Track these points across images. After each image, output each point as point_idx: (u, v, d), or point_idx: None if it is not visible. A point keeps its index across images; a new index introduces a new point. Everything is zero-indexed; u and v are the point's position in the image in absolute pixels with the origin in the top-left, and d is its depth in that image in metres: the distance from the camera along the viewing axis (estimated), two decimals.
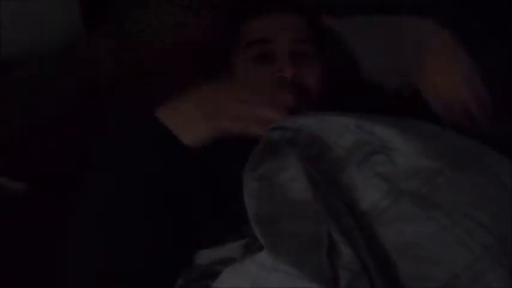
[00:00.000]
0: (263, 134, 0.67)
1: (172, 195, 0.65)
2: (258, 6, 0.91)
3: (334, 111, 0.71)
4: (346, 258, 0.56)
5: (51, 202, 0.79)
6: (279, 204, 0.62)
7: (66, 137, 0.87)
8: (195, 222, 0.68)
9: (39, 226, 0.77)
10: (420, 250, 0.58)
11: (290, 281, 0.54)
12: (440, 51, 0.78)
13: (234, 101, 0.66)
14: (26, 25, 1.04)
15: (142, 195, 0.64)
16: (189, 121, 0.65)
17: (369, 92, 1.03)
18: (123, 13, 1.04)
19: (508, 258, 0.56)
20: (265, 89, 0.83)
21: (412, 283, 0.57)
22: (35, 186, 0.81)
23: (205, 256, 0.65)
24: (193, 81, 0.69)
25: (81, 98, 0.92)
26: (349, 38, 1.10)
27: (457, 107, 0.76)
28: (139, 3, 1.04)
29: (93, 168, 0.67)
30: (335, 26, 1.10)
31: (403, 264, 0.58)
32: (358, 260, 0.56)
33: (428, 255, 0.57)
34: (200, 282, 0.64)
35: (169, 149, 0.65)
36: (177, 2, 1.03)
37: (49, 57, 0.98)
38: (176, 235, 0.66)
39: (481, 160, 0.66)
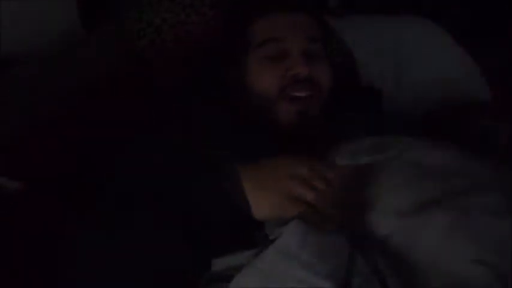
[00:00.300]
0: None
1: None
2: (267, 5, 0.91)
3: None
4: (361, 266, 0.57)
5: (51, 202, 0.79)
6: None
7: (66, 137, 0.87)
8: (209, 231, 0.68)
9: (39, 226, 0.77)
10: (437, 255, 0.59)
11: (307, 274, 0.56)
12: None
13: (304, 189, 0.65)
14: (25, 25, 1.04)
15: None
16: (263, 206, 0.65)
17: (367, 92, 1.03)
18: (123, 13, 1.04)
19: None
20: (278, 87, 0.84)
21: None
22: (35, 186, 0.81)
23: (219, 264, 0.66)
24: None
25: (81, 98, 0.92)
26: (348, 38, 1.10)
27: None
28: (140, 2, 1.04)
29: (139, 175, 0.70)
30: (335, 26, 1.10)
31: (419, 267, 0.58)
32: (369, 265, 0.57)
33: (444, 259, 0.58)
34: (212, 286, 0.64)
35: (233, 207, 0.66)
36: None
37: (49, 57, 0.97)
38: (190, 244, 0.66)
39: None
